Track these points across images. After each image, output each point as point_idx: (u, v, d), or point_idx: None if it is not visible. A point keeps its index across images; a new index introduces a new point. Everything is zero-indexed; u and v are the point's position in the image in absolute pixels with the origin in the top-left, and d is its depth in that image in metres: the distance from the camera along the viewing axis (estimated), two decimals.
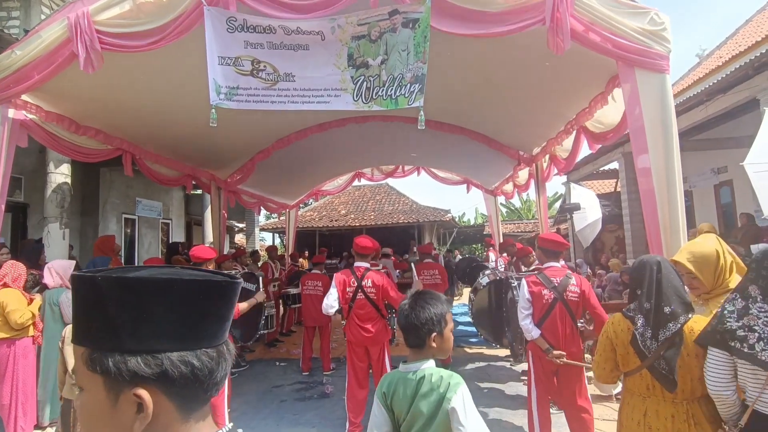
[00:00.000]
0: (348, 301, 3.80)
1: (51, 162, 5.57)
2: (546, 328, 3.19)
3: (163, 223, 10.35)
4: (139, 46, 3.18)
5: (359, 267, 3.88)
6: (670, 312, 1.87)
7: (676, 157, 2.92)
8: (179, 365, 0.58)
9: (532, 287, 3.26)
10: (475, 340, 7.40)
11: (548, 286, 3.22)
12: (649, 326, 1.91)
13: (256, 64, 3.29)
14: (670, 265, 2.00)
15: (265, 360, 6.66)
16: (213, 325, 0.62)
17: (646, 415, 1.93)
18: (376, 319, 3.81)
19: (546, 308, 3.20)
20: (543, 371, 3.28)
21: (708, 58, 11.35)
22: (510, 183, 8.34)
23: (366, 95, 3.32)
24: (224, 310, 0.64)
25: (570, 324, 3.18)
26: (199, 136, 5.50)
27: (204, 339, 0.61)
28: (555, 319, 3.18)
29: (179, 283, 0.59)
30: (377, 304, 3.79)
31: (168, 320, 0.58)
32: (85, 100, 4.27)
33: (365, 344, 3.82)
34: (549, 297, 3.20)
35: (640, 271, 2.01)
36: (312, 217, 16.33)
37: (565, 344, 3.15)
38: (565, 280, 3.22)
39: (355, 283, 3.81)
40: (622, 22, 2.92)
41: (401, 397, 1.58)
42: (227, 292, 0.65)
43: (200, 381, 0.60)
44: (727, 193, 9.23)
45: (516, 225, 21.37)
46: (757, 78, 5.97)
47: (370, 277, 3.81)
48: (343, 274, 3.91)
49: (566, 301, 3.18)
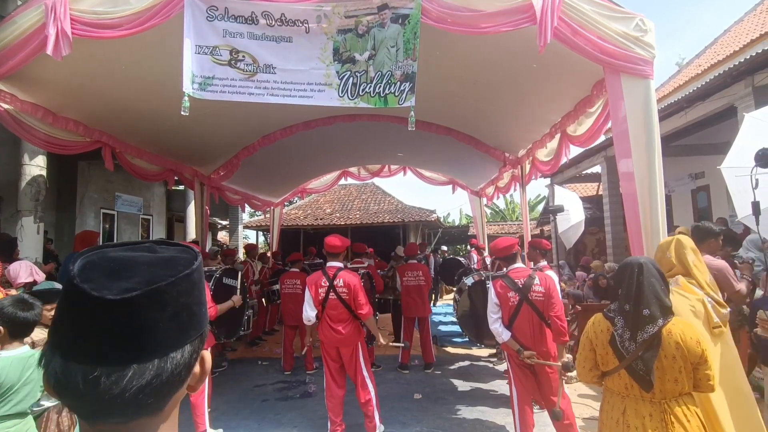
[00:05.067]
0: (321, 302, 3.75)
1: (26, 153, 5.37)
2: (516, 329, 3.22)
3: (144, 219, 10.13)
4: (114, 35, 3.08)
5: (331, 267, 3.82)
6: (649, 314, 1.90)
7: (658, 161, 2.97)
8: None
9: (498, 290, 3.30)
10: (458, 340, 7.45)
11: (513, 288, 3.25)
12: (627, 328, 1.94)
13: (235, 54, 3.19)
14: (654, 268, 2.02)
15: (247, 359, 6.57)
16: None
17: (625, 414, 1.96)
18: (347, 320, 3.75)
19: (513, 310, 3.24)
20: (521, 371, 3.31)
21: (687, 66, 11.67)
22: (493, 185, 8.41)
23: (352, 91, 3.27)
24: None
25: (538, 323, 3.21)
26: (182, 131, 5.38)
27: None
28: (523, 320, 3.21)
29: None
30: (349, 304, 3.73)
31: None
32: (64, 90, 4.13)
33: (336, 345, 3.78)
34: (514, 299, 3.24)
35: (623, 271, 2.04)
36: (297, 216, 16.19)
37: (534, 344, 3.19)
38: (529, 280, 3.25)
39: (326, 284, 3.75)
40: (608, 26, 2.96)
41: None
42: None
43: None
44: (704, 198, 9.50)
45: (500, 226, 21.59)
46: (734, 86, 6.15)
47: (342, 277, 3.75)
48: (315, 276, 3.85)
49: (531, 301, 3.20)
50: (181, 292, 0.56)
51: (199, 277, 0.60)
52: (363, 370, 3.80)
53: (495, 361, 6.11)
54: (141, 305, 0.52)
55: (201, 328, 0.60)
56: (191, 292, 0.57)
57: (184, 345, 0.56)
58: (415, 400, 4.76)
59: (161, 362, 0.53)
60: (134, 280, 0.53)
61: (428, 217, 15.38)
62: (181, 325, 0.56)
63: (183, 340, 0.56)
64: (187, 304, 0.57)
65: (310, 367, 5.80)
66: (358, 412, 3.85)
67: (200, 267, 0.60)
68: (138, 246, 0.60)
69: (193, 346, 0.58)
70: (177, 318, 0.55)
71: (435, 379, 5.52)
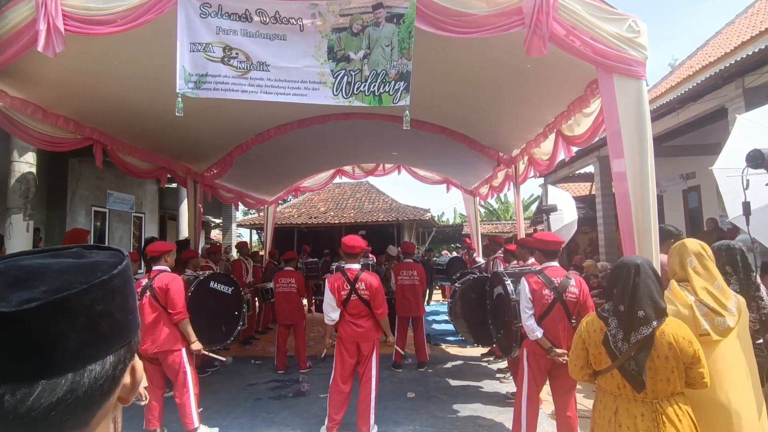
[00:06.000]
0: (341, 303, 3.77)
1: (15, 150, 5.29)
2: (545, 328, 3.21)
3: (136, 217, 10.03)
4: (107, 31, 3.04)
5: (351, 269, 3.82)
6: (644, 316, 1.90)
7: (651, 161, 2.99)
8: None
9: (533, 286, 3.27)
10: (452, 339, 7.47)
11: (549, 286, 3.25)
12: (621, 328, 1.95)
13: (228, 51, 3.15)
14: (649, 269, 2.01)
15: (240, 358, 6.54)
16: None
17: (617, 413, 1.97)
18: (368, 315, 3.80)
19: (545, 308, 3.23)
20: (538, 369, 3.29)
21: (680, 67, 11.77)
22: (487, 185, 8.44)
23: (347, 90, 3.26)
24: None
25: (566, 324, 3.23)
26: (175, 128, 5.33)
27: None
28: (554, 318, 3.21)
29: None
30: (370, 303, 3.78)
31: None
32: (54, 86, 4.08)
33: (357, 340, 3.79)
34: (549, 297, 3.23)
35: (619, 271, 2.04)
36: (291, 214, 16.14)
37: (562, 344, 3.19)
38: (566, 281, 3.26)
39: (348, 287, 3.77)
40: (602, 27, 2.97)
41: None
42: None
43: None
44: (695, 198, 9.61)
45: (494, 225, 21.68)
46: (725, 88, 6.22)
47: (364, 280, 3.78)
48: (335, 279, 3.84)
49: (565, 301, 3.21)
50: (96, 300, 0.52)
51: (122, 282, 0.55)
52: (373, 368, 3.82)
53: (490, 360, 6.13)
54: (43, 317, 0.47)
55: (128, 337, 0.56)
56: (111, 299, 0.53)
57: (106, 356, 0.53)
58: (408, 398, 4.77)
59: (76, 376, 0.49)
60: (39, 290, 0.49)
61: (422, 216, 15.41)
62: (99, 334, 0.52)
63: (104, 350, 0.52)
64: (107, 312, 0.53)
65: (304, 366, 5.79)
66: (351, 410, 3.85)
67: (124, 272, 0.56)
68: (62, 252, 0.57)
69: (117, 356, 0.54)
70: (93, 328, 0.51)
71: (428, 377, 5.53)
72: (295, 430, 4.03)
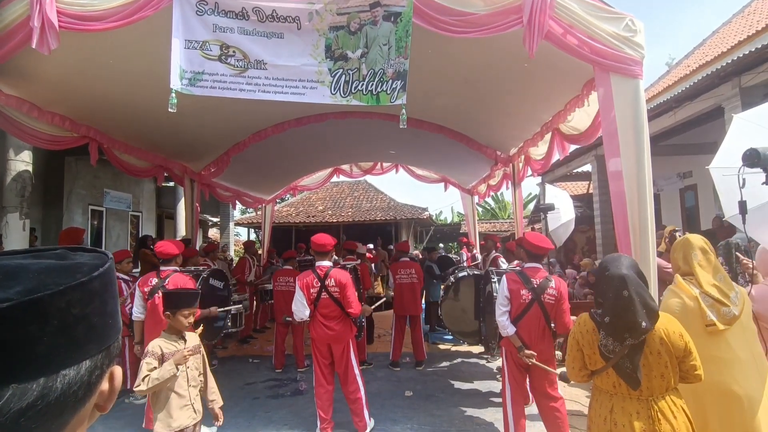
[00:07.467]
0: (312, 301, 3.76)
1: (11, 148, 5.27)
2: (521, 327, 3.22)
3: (133, 216, 10.00)
4: (101, 27, 3.02)
5: (321, 267, 3.82)
6: (645, 327, 1.87)
7: (647, 161, 3.00)
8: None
9: (511, 285, 3.28)
10: (449, 338, 7.48)
11: (527, 285, 3.25)
12: (609, 335, 1.93)
13: (225, 49, 3.14)
14: (635, 275, 1.97)
15: (237, 357, 6.54)
16: None
17: (613, 412, 1.98)
18: (340, 317, 3.78)
19: (523, 307, 3.23)
20: (517, 369, 3.32)
21: (677, 66, 11.79)
22: (484, 184, 8.45)
23: (344, 89, 3.25)
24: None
25: (543, 324, 3.23)
26: (171, 127, 5.31)
27: None
28: (530, 318, 3.21)
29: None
30: (341, 302, 3.75)
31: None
32: (51, 83, 4.05)
33: (328, 342, 3.79)
34: (527, 297, 3.23)
35: (605, 284, 2.00)
36: (289, 213, 16.11)
37: (536, 344, 3.20)
38: (545, 282, 3.25)
39: (318, 284, 3.76)
40: (599, 26, 2.97)
41: None
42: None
43: None
44: (692, 197, 9.64)
45: (492, 224, 21.69)
46: (722, 87, 6.24)
47: (333, 276, 3.77)
48: (306, 276, 3.85)
49: (543, 302, 3.21)
50: (72, 303, 0.50)
51: (102, 285, 0.53)
52: (353, 367, 3.80)
53: (488, 358, 6.14)
54: (15, 318, 0.45)
55: (106, 342, 0.54)
56: (89, 302, 0.51)
57: (81, 361, 0.50)
58: (405, 397, 4.78)
59: (49, 381, 0.47)
60: (14, 290, 0.47)
61: (420, 215, 15.41)
62: (74, 338, 0.50)
63: (79, 355, 0.50)
64: (83, 315, 0.51)
65: (301, 365, 5.79)
66: (347, 409, 3.85)
67: (105, 274, 0.54)
68: (45, 253, 0.55)
69: (93, 362, 0.52)
70: (68, 331, 0.49)
71: (426, 376, 5.54)
72: (293, 428, 4.04)
